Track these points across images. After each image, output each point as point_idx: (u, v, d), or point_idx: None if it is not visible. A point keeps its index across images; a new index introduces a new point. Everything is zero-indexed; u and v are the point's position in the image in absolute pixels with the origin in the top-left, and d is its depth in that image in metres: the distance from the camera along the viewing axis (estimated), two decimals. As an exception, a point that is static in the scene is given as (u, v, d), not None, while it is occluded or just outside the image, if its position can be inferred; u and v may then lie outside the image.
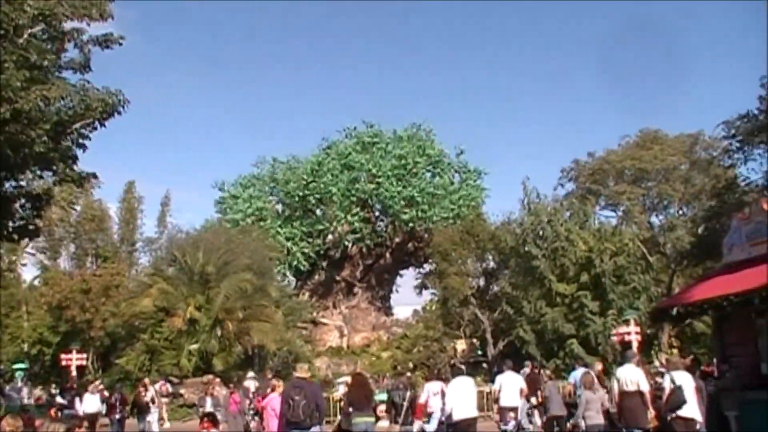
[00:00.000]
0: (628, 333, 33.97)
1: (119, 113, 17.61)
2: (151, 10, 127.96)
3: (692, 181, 44.02)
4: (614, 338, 34.89)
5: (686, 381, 15.48)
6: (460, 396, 16.23)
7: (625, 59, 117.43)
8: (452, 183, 58.37)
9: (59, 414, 27.02)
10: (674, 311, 23.76)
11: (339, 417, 20.12)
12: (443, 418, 17.09)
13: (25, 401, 39.05)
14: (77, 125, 17.45)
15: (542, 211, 37.55)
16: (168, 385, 34.20)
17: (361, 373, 24.60)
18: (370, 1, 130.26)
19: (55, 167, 19.10)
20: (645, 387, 16.30)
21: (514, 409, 18.73)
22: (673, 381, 15.41)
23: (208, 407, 25.05)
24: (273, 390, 17.12)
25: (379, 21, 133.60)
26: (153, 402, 26.28)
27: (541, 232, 36.95)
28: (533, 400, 21.20)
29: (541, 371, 26.20)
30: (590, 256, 35.22)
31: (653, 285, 38.01)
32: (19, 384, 42.47)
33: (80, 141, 19.23)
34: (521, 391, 20.32)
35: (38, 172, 19.45)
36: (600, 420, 16.94)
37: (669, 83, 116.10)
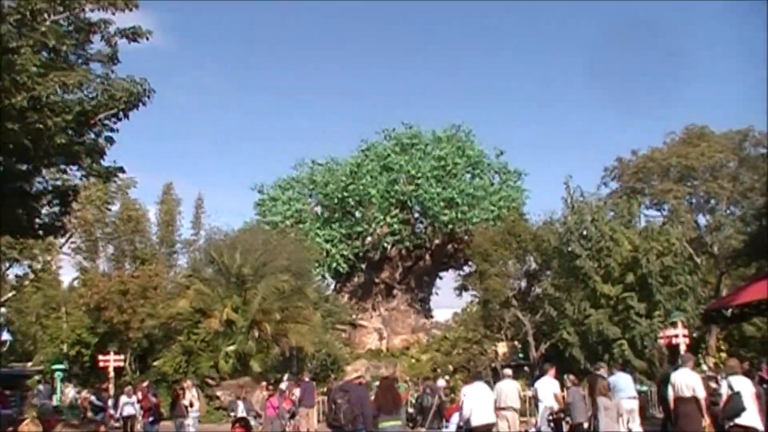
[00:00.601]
0: (676, 336, 32.57)
1: (144, 104, 16.67)
2: (189, 12, 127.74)
3: (741, 179, 42.26)
4: (661, 341, 33.45)
5: (745, 386, 14.43)
6: (479, 401, 16.34)
7: (669, 53, 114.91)
8: (492, 184, 57.10)
9: (93, 416, 26.11)
10: (728, 312, 22.55)
11: None
12: (461, 423, 16.94)
13: (60, 402, 38.98)
14: (101, 116, 16.44)
15: (586, 209, 36.09)
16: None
17: (389, 376, 23.77)
18: (409, 0, 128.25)
19: (80, 161, 18.10)
20: (701, 393, 15.40)
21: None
22: (731, 386, 14.42)
23: (240, 412, 23.82)
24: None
25: (418, 21, 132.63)
26: (192, 405, 25.06)
27: (584, 232, 35.49)
28: (555, 406, 19.88)
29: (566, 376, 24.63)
30: (636, 255, 33.76)
31: (700, 286, 36.36)
32: (58, 384, 42.28)
33: (107, 134, 18.29)
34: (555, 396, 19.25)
35: (62, 167, 18.49)
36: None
37: (714, 79, 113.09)
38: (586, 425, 19.13)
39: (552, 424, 19.23)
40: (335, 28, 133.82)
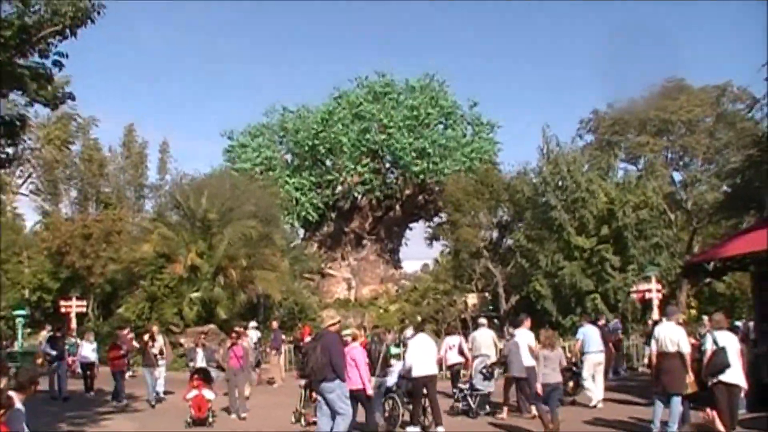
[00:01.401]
0: (649, 290, 31.89)
1: (93, 21, 14.84)
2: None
3: (716, 135, 40.84)
4: (634, 296, 32.43)
5: (730, 342, 13.53)
6: (421, 353, 16.06)
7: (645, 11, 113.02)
8: (464, 136, 55.90)
9: (47, 364, 24.14)
10: (710, 266, 21.42)
11: None
12: (403, 373, 16.74)
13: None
14: (45, 32, 14.62)
15: (562, 160, 34.64)
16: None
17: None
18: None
19: (24, 86, 16.26)
20: (686, 348, 14.47)
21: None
22: (716, 342, 13.49)
23: (199, 361, 21.20)
24: (354, 339, 15.24)
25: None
26: (162, 354, 22.87)
27: (560, 183, 34.09)
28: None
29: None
30: (612, 208, 32.55)
31: (674, 242, 35.23)
32: (19, 330, 40.64)
33: (54, 58, 16.44)
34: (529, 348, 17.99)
35: (4, 91, 16.66)
36: (557, 378, 15.48)
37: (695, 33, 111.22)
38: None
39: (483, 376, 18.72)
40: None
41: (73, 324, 38.49)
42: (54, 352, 24.03)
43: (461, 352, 20.57)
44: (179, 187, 40.71)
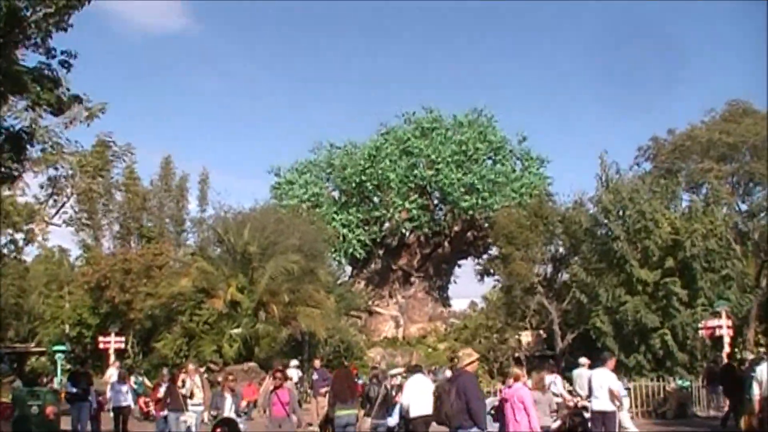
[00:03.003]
0: (719, 326, 28.64)
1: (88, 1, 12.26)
2: None
3: (783, 159, 37.18)
4: (702, 332, 28.95)
5: None
6: (417, 393, 15.38)
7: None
8: (514, 171, 53.25)
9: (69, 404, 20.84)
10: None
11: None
12: (403, 413, 16.21)
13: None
14: (38, 15, 12.04)
15: (623, 188, 31.30)
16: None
17: (346, 366, 24.94)
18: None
19: (27, 88, 13.81)
20: None
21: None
22: None
23: (227, 410, 16.08)
24: (516, 379, 13.01)
25: (439, 6, 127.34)
26: (191, 396, 18.68)
27: (620, 212, 30.73)
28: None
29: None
30: (677, 238, 29.15)
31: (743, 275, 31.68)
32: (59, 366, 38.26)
33: (62, 58, 14.04)
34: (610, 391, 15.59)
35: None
36: (546, 422, 14.79)
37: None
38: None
39: None
40: (356, 12, 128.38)
41: (111, 360, 36.01)
42: (75, 390, 20.19)
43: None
44: (221, 220, 38.03)
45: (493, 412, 14.27)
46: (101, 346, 36.49)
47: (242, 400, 18.61)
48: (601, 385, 15.42)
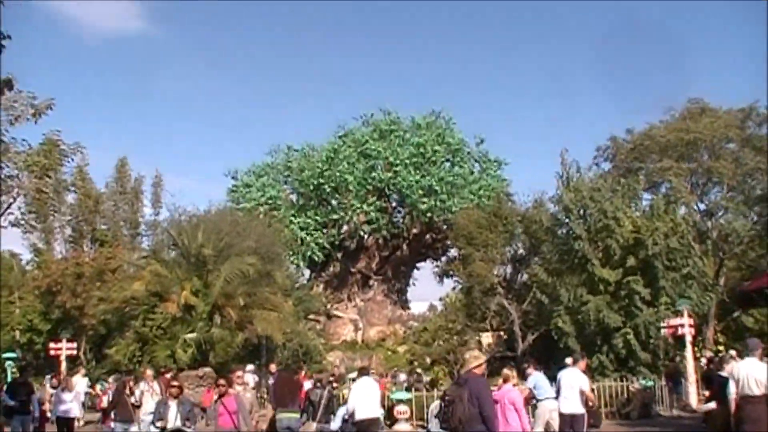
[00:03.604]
0: (681, 325, 27.95)
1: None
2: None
3: (742, 160, 36.55)
4: (664, 331, 28.27)
5: None
6: (364, 396, 15.31)
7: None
8: (472, 173, 53.09)
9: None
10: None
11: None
12: (347, 416, 16.28)
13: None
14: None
15: (583, 186, 30.44)
16: None
17: (287, 370, 24.55)
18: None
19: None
20: None
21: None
22: None
23: (172, 419, 13.98)
24: (506, 381, 12.91)
25: (397, 7, 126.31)
26: (139, 406, 17.63)
27: (581, 211, 29.89)
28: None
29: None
30: (639, 237, 28.34)
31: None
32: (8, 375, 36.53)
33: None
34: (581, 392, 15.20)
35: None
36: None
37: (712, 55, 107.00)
38: None
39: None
40: (314, 14, 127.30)
41: (63, 368, 34.43)
42: (12, 402, 18.13)
43: None
44: (176, 222, 36.55)
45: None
46: (52, 352, 34.98)
47: (196, 407, 16.55)
48: (571, 386, 14.62)
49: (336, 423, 16.78)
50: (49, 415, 21.93)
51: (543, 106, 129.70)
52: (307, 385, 24.21)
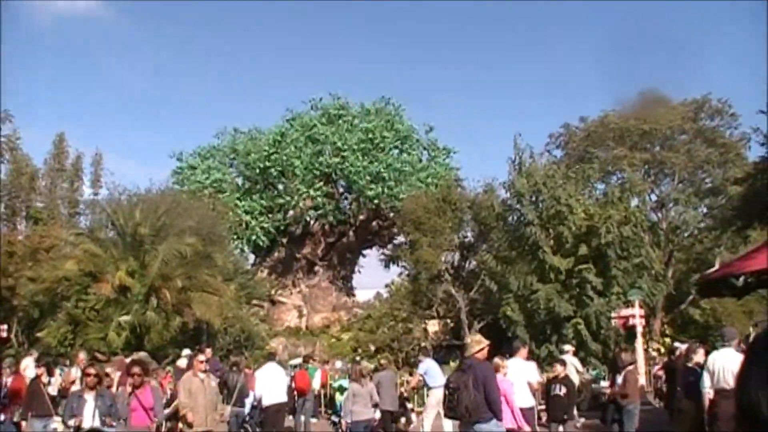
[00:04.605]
0: (632, 316, 26.78)
1: None
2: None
3: (694, 152, 35.48)
4: (615, 322, 27.04)
5: None
6: (270, 382, 15.63)
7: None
8: (420, 161, 51.23)
9: None
10: (740, 281, 15.83)
11: None
12: (255, 403, 16.82)
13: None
14: None
15: (536, 172, 28.97)
16: None
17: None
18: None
19: None
20: None
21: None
22: None
23: (89, 416, 11.10)
24: (496, 371, 11.42)
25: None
26: (62, 395, 15.00)
27: (533, 197, 28.44)
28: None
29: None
30: (592, 225, 26.99)
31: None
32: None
33: None
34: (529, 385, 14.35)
35: None
36: (368, 415, 14.73)
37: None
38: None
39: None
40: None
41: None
42: None
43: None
44: (114, 202, 34.32)
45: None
46: (-20, 335, 32.73)
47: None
48: (517, 379, 12.90)
49: (246, 408, 16.78)
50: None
51: (494, 95, 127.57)
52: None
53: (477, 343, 10.09)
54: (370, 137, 48.63)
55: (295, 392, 22.59)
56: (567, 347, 21.01)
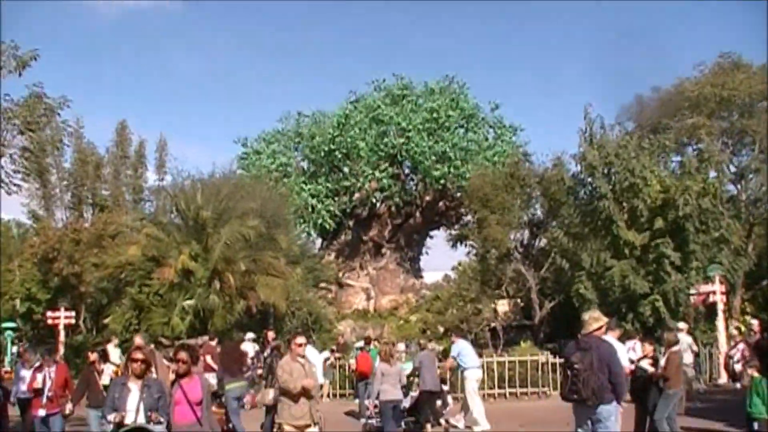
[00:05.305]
0: (713, 292, 25.03)
1: None
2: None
3: (774, 119, 32.99)
4: (693, 298, 25.26)
5: None
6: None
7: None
8: (486, 139, 49.67)
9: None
10: None
11: None
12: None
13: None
14: None
15: (608, 143, 27.13)
16: None
17: (234, 339, 23.32)
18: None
19: None
20: None
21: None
22: None
23: (133, 411, 8.66)
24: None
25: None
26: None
27: (606, 170, 26.65)
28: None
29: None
30: (668, 197, 25.10)
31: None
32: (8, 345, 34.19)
33: None
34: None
35: None
36: (397, 395, 14.55)
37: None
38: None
39: None
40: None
41: (62, 337, 31.75)
42: None
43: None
44: (178, 187, 33.64)
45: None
46: (50, 322, 32.60)
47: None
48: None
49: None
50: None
51: (562, 72, 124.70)
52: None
53: (595, 320, 9.40)
54: (434, 117, 47.48)
55: (356, 375, 21.55)
56: (681, 325, 20.28)
